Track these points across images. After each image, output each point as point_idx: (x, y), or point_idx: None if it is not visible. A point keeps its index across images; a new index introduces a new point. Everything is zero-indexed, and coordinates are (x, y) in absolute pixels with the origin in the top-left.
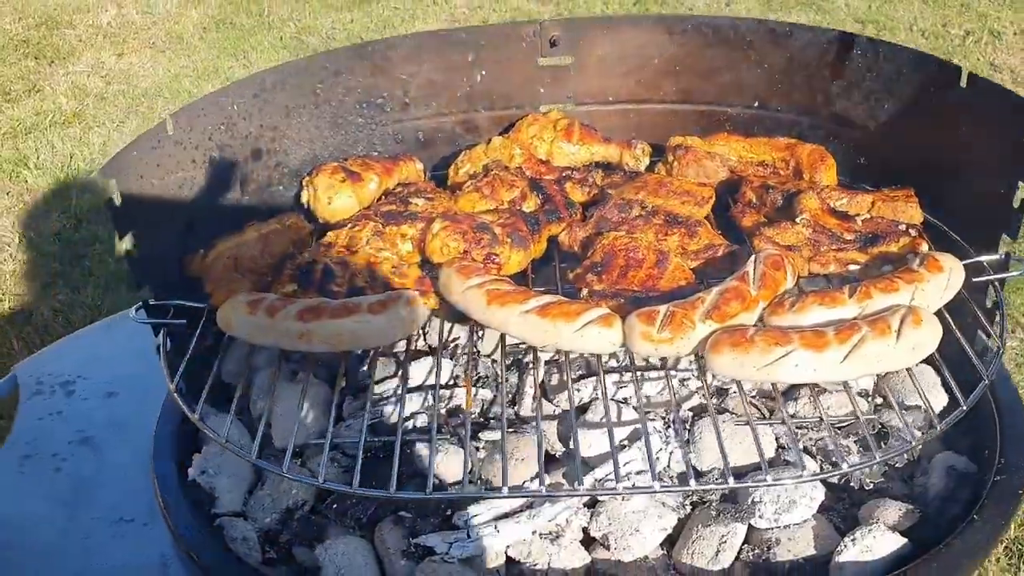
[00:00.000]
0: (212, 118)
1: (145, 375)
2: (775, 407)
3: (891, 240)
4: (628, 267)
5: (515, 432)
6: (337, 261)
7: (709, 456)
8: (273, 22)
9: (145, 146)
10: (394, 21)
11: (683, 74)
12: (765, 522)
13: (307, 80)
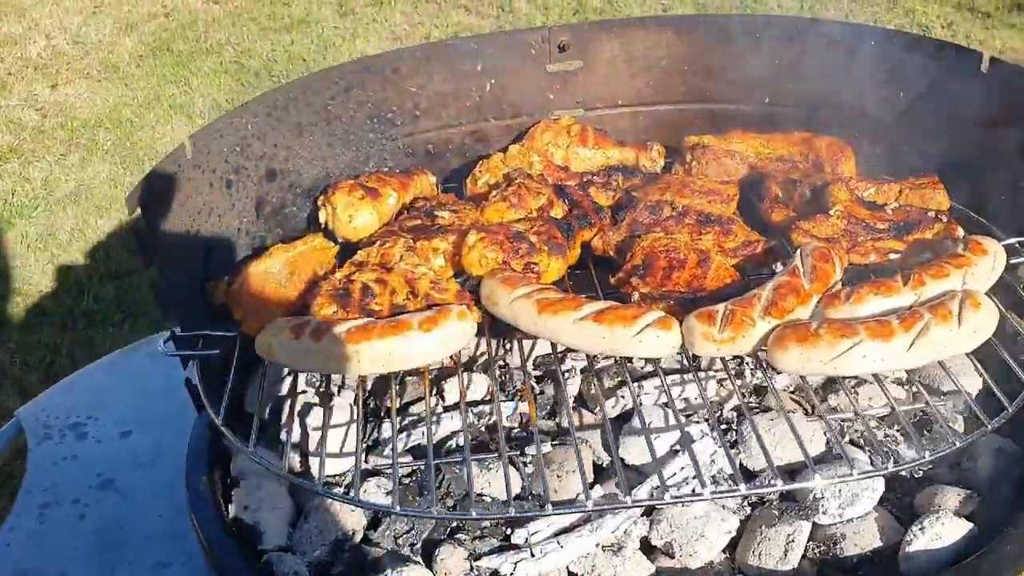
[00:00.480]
0: (228, 139)
1: (158, 411)
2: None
3: (925, 227)
4: (671, 268)
5: (560, 444)
6: (374, 279)
7: (760, 455)
8: (211, 47)
9: (166, 171)
10: (335, 41)
11: (691, 74)
12: (829, 518)
13: (318, 97)
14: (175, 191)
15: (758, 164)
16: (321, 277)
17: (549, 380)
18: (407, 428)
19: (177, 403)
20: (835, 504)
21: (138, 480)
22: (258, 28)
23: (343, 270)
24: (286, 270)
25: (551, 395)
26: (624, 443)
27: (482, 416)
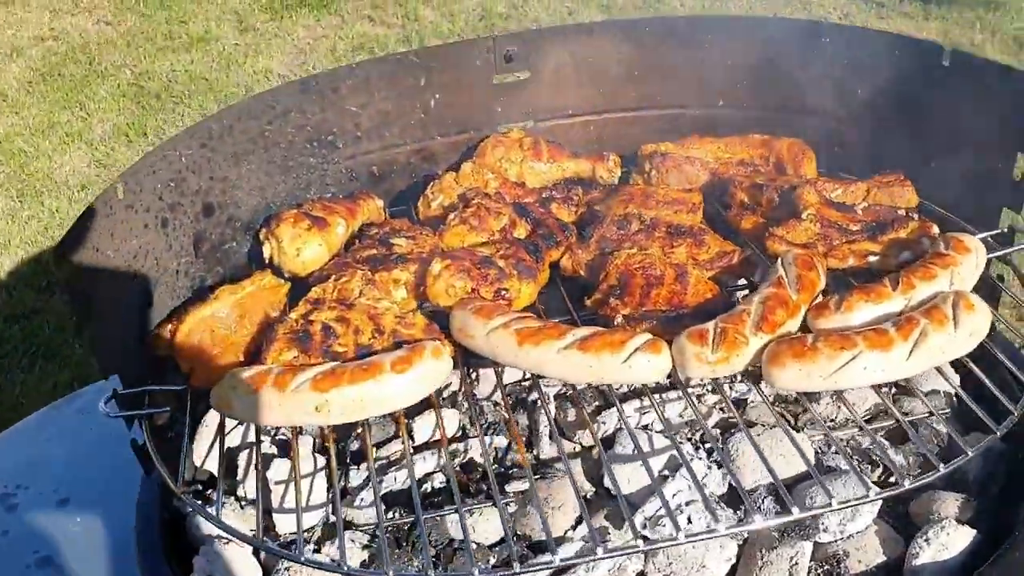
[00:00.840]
0: (161, 175)
1: (96, 473)
2: (797, 412)
3: (899, 226)
4: (649, 286)
5: (541, 477)
6: (334, 318)
7: (750, 473)
8: (105, 70)
9: (96, 216)
10: (237, 58)
11: (642, 79)
12: (830, 535)
13: (254, 123)
14: (107, 235)
15: (719, 170)
16: (274, 319)
17: (521, 409)
18: (378, 472)
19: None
20: (836, 520)
21: (79, 555)
22: (154, 48)
23: (298, 309)
24: (234, 313)
25: (525, 425)
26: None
27: (456, 455)
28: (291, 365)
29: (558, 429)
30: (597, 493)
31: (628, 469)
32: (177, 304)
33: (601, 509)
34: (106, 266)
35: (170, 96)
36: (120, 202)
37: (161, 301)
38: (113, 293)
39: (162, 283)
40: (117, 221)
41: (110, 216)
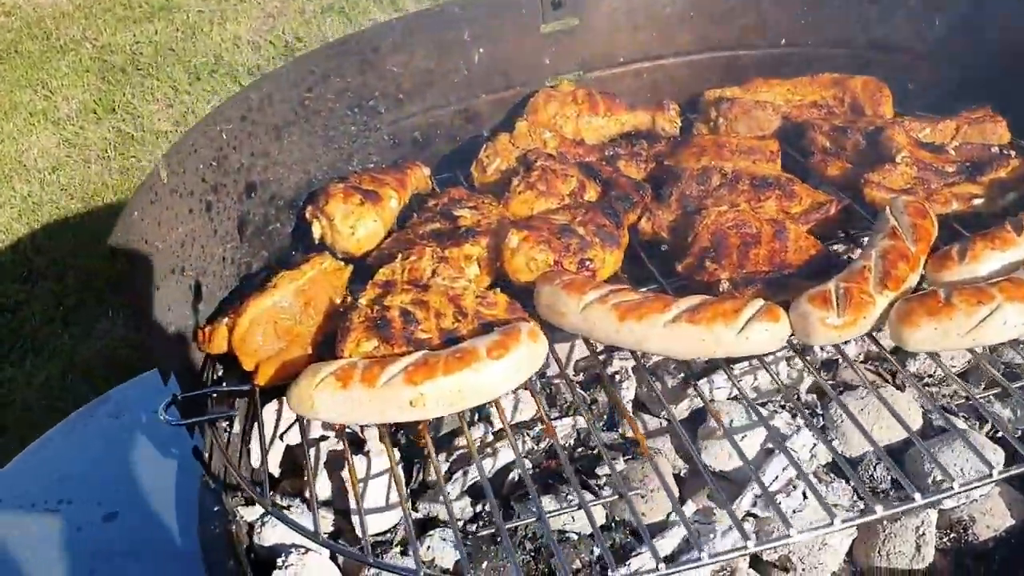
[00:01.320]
0: (203, 153)
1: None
2: (892, 369)
3: (999, 165)
4: (747, 246)
5: (632, 458)
6: (410, 301)
7: (856, 440)
8: (65, 44)
9: (143, 203)
10: (203, 26)
11: (698, 20)
12: (953, 500)
13: (294, 91)
14: (154, 224)
15: (791, 113)
16: (341, 306)
17: (596, 385)
18: (457, 465)
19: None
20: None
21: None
22: (115, 19)
23: (367, 294)
24: (298, 302)
25: (604, 402)
26: (705, 447)
27: (540, 439)
28: (374, 357)
29: (639, 405)
30: (691, 471)
31: (722, 444)
32: (225, 295)
33: (704, 487)
34: (156, 259)
35: (136, 68)
36: (165, 186)
37: (210, 293)
38: (165, 287)
39: (210, 272)
40: (163, 208)
41: (155, 202)
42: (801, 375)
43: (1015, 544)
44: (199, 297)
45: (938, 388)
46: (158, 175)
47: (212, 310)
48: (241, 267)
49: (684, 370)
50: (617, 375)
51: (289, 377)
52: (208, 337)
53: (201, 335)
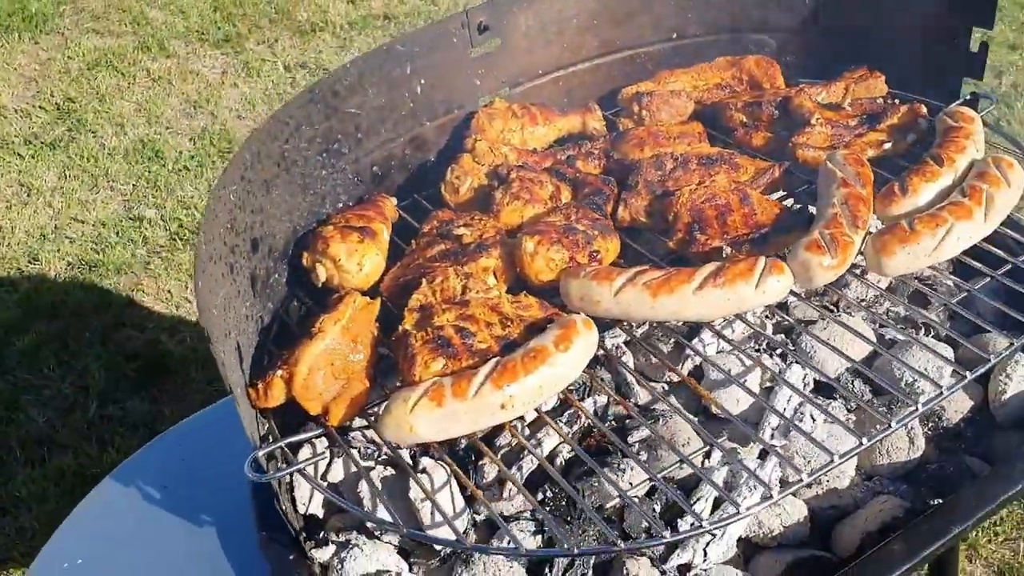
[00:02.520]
0: (221, 218)
1: None
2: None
3: (892, 113)
4: (723, 215)
5: (653, 420)
6: (457, 318)
7: (830, 364)
8: None
9: (202, 276)
10: None
11: (601, 27)
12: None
13: (275, 144)
14: (209, 295)
15: (701, 97)
16: (381, 337)
17: (596, 364)
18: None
19: None
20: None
21: None
22: None
23: (407, 320)
24: (346, 340)
25: (609, 379)
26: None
27: (572, 422)
28: (444, 374)
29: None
30: (709, 418)
31: (728, 392)
32: (251, 351)
33: (722, 431)
34: (219, 327)
35: None
36: (205, 255)
37: (246, 352)
38: (227, 354)
39: (241, 331)
40: (208, 277)
41: (205, 272)
42: (763, 321)
43: (979, 420)
44: (241, 358)
45: (874, 309)
46: (200, 247)
47: (248, 368)
48: (258, 322)
49: (674, 335)
50: (612, 352)
51: (357, 412)
52: (263, 393)
53: (255, 393)
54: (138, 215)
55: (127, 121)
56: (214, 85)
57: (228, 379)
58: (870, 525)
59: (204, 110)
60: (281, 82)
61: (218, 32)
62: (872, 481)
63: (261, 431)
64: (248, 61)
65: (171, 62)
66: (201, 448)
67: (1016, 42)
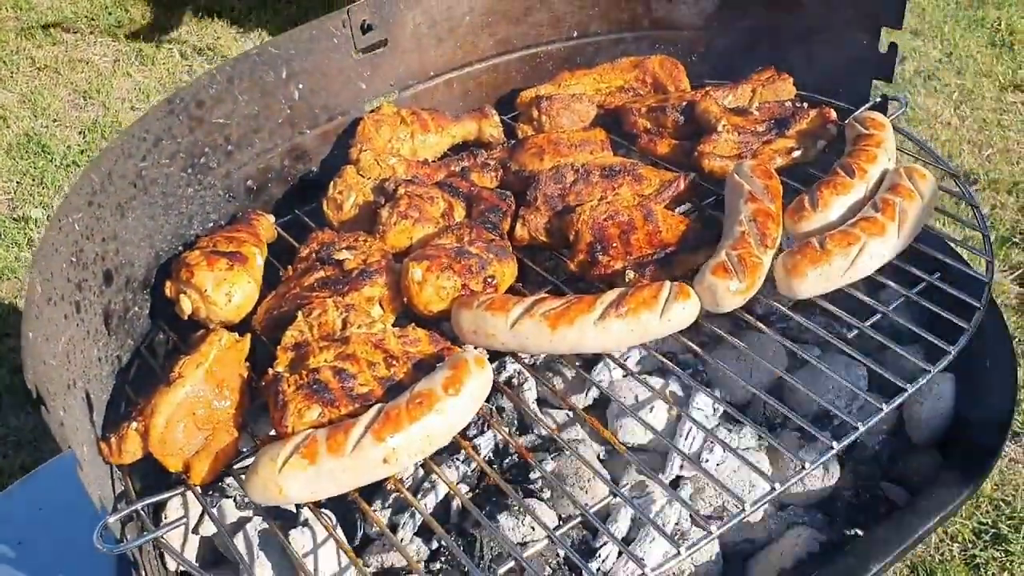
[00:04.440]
0: (63, 251)
1: None
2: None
3: (800, 117)
4: (625, 233)
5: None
6: (334, 357)
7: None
8: None
9: (34, 323)
10: None
11: (496, 24)
12: None
13: (130, 162)
14: (44, 342)
15: (605, 101)
16: (250, 380)
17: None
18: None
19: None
20: (842, 403)
21: None
22: None
23: (280, 360)
24: (210, 386)
25: (510, 408)
26: (620, 426)
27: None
28: (319, 425)
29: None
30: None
31: (632, 421)
32: (105, 398)
33: (629, 465)
34: (55, 379)
35: None
36: (40, 297)
37: (98, 400)
38: (68, 409)
39: (92, 378)
40: (45, 322)
41: (39, 318)
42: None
43: (894, 442)
44: (91, 408)
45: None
46: (34, 289)
47: (102, 419)
48: (114, 363)
49: (578, 359)
50: (513, 379)
51: (223, 467)
52: (117, 448)
53: (107, 448)
54: (23, 215)
55: (10, 114)
56: (105, 74)
57: (68, 441)
58: (785, 560)
59: (95, 101)
60: (177, 70)
61: (109, 17)
62: (786, 511)
63: (119, 489)
64: (141, 48)
65: (58, 49)
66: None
67: (918, 28)
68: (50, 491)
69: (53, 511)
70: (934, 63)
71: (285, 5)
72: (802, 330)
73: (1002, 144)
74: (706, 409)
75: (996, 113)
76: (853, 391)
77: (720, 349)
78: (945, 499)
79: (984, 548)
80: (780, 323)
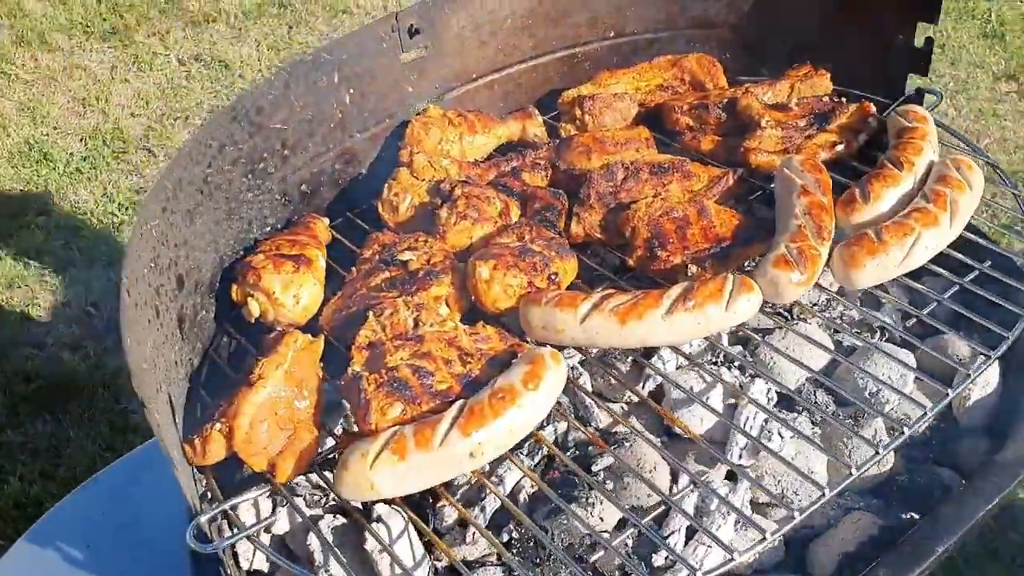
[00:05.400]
0: (144, 257)
1: None
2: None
3: (840, 112)
4: (682, 229)
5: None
6: (411, 355)
7: (789, 375)
8: None
9: (132, 329)
10: None
11: (536, 26)
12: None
13: (197, 169)
14: (137, 346)
15: (645, 100)
16: (327, 379)
17: None
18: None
19: None
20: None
21: None
22: None
23: (356, 360)
24: (289, 386)
25: (567, 403)
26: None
27: (533, 453)
28: (401, 421)
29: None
30: (672, 438)
31: (691, 412)
32: (183, 401)
33: (688, 452)
34: (148, 382)
35: None
36: (130, 302)
37: (178, 404)
38: (162, 412)
39: (172, 381)
40: (137, 327)
41: (135, 324)
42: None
43: (944, 427)
44: (174, 411)
45: (828, 313)
46: (126, 294)
47: (182, 420)
48: (187, 366)
49: (631, 353)
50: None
51: (307, 466)
52: (201, 450)
53: (191, 450)
54: (28, 223)
55: (9, 122)
56: (103, 81)
57: (164, 441)
58: (847, 546)
59: (94, 108)
60: (175, 76)
61: (104, 24)
62: (843, 497)
63: (199, 490)
64: (138, 55)
65: (54, 57)
66: (127, 499)
67: None
68: (113, 495)
69: (117, 516)
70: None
71: (279, 11)
72: (848, 320)
73: (999, 134)
74: (760, 398)
75: (991, 103)
76: (903, 375)
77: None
78: (1002, 481)
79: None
80: (823, 315)
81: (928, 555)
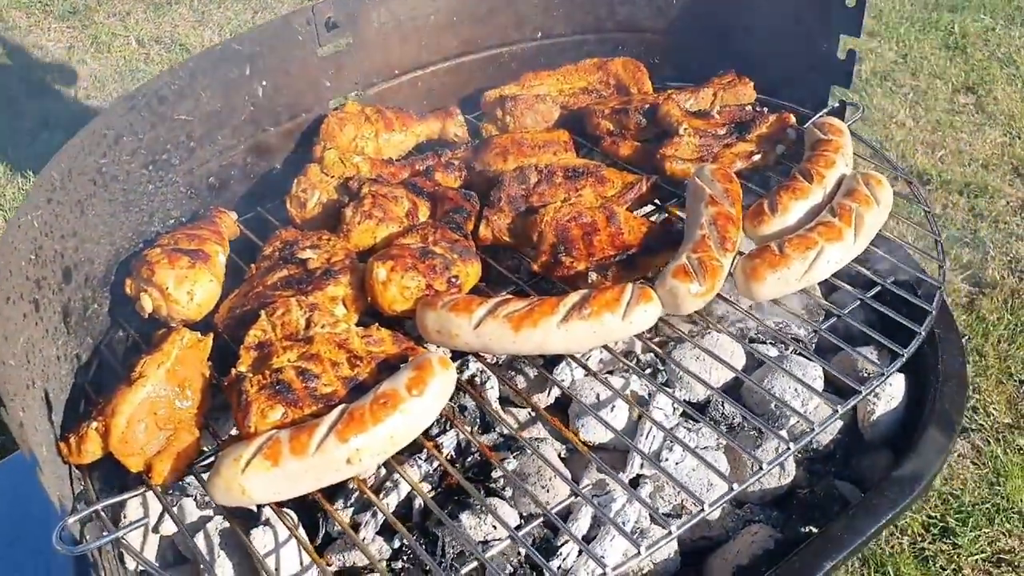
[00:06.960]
0: (22, 249)
1: None
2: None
3: (761, 122)
4: (588, 235)
5: (518, 452)
6: (297, 357)
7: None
8: None
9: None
10: None
11: (461, 24)
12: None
13: (90, 159)
14: (5, 343)
15: (568, 103)
16: (213, 380)
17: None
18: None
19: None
20: (799, 403)
21: None
22: None
23: (243, 360)
24: (171, 385)
25: (472, 408)
26: (582, 425)
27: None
28: (282, 425)
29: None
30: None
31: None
32: (64, 397)
33: (589, 464)
34: (14, 380)
35: None
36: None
37: (57, 400)
38: (27, 410)
39: (51, 377)
40: (4, 321)
41: (5, 319)
42: (633, 340)
43: (848, 440)
44: (50, 408)
45: (743, 324)
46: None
47: (61, 418)
48: (73, 361)
49: (539, 359)
50: (476, 378)
51: (185, 467)
52: (76, 448)
53: (66, 448)
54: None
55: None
56: (60, 62)
57: (27, 442)
58: (741, 558)
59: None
60: (134, 58)
61: (63, 3)
62: (743, 509)
63: (78, 489)
64: (97, 35)
65: (10, 35)
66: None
67: (875, 29)
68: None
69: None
70: (890, 64)
71: None
72: (759, 331)
73: (954, 145)
74: (666, 408)
75: (949, 114)
76: (809, 392)
77: (680, 349)
78: (897, 497)
79: (933, 541)
80: (737, 324)
81: (816, 571)
